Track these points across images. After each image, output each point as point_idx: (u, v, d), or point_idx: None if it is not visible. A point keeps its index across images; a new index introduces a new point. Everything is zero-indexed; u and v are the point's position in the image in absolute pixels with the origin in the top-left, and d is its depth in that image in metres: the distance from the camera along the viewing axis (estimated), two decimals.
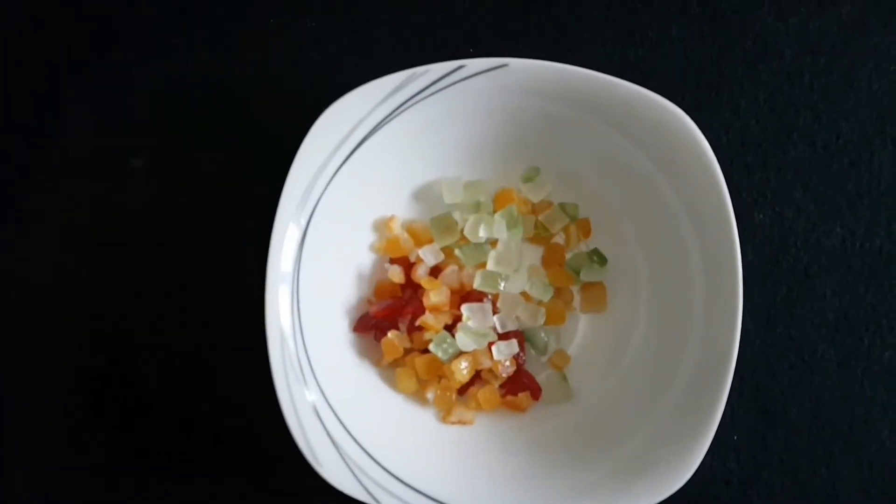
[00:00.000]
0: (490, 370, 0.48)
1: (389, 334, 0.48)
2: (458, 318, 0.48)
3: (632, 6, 0.53)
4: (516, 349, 0.48)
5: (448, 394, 0.48)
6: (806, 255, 0.52)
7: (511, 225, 0.49)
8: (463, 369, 0.47)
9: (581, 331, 0.50)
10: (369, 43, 0.53)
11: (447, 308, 0.48)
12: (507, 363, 0.48)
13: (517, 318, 0.49)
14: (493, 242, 0.49)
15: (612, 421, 0.47)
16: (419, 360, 0.48)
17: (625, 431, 0.46)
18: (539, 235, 0.50)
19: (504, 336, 0.48)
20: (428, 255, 0.49)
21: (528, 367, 0.49)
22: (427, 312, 0.48)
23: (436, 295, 0.48)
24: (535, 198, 0.50)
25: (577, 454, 0.46)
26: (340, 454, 0.44)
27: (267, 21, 0.53)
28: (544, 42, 0.53)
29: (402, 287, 0.49)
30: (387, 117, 0.46)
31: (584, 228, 0.50)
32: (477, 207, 0.49)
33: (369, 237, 0.50)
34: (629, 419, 0.46)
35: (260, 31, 0.53)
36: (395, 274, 0.49)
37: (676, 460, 0.43)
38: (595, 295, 0.50)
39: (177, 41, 0.52)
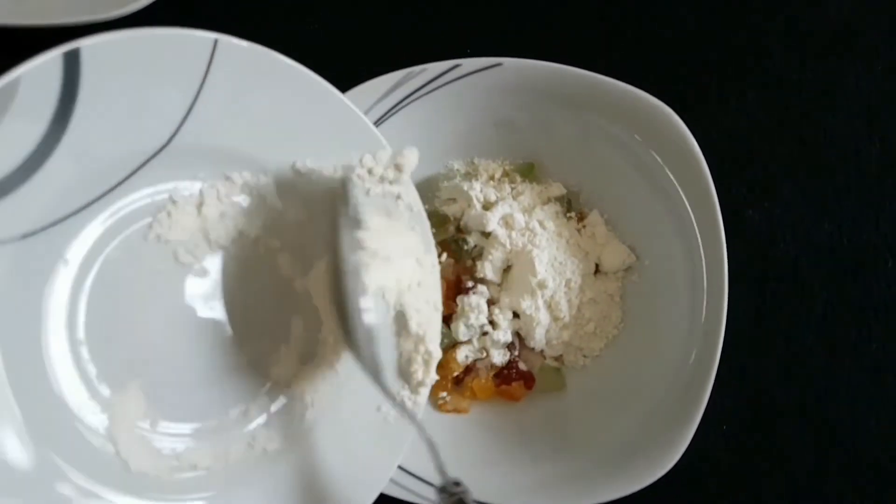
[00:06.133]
0: (485, 360, 0.49)
1: None
2: (453, 310, 0.49)
3: (623, 6, 0.54)
4: (510, 339, 0.49)
5: (444, 383, 0.49)
6: (794, 248, 0.53)
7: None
8: (458, 359, 0.49)
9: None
10: (368, 42, 0.54)
11: (443, 299, 0.49)
12: (502, 353, 0.49)
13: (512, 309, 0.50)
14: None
15: (602, 408, 0.48)
16: None
17: (613, 419, 0.47)
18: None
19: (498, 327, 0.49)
20: None
21: (522, 357, 0.50)
22: None
23: None
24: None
25: (567, 441, 0.48)
26: None
27: (268, 22, 0.54)
28: (538, 42, 0.54)
29: None
30: (384, 115, 0.47)
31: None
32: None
33: None
34: (618, 407, 0.48)
35: (261, 32, 0.54)
36: None
37: (663, 447, 0.45)
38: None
39: None
